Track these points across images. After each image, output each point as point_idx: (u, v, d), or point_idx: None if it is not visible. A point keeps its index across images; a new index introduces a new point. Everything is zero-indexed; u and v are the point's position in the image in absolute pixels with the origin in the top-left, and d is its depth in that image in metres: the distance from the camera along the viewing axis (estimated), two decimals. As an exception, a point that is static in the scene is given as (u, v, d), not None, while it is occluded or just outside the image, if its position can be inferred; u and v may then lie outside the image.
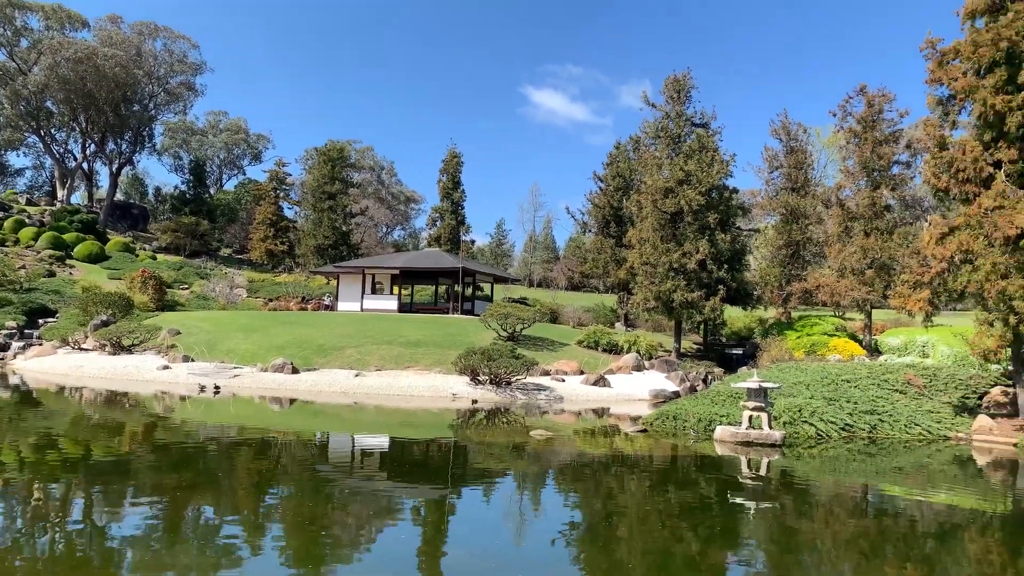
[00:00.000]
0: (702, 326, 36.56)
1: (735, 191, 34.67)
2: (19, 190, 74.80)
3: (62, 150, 71.45)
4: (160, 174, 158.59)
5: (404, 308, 44.72)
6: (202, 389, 24.30)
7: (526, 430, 17.67)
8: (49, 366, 29.41)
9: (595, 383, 26.47)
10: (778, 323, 35.95)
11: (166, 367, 27.66)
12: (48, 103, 65.09)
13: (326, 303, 47.05)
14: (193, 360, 28.83)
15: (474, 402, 23.36)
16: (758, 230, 43.66)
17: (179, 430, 16.82)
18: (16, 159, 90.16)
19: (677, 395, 25.41)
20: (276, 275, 58.05)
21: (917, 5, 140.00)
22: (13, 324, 34.40)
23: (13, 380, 26.12)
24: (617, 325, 41.13)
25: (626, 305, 39.85)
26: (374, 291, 46.14)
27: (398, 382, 25.72)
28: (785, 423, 17.41)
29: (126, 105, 67.37)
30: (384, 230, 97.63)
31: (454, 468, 13.71)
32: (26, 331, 34.61)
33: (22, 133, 69.71)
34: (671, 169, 32.51)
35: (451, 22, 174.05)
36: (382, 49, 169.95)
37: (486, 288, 54.14)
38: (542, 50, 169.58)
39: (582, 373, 28.25)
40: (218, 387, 24.68)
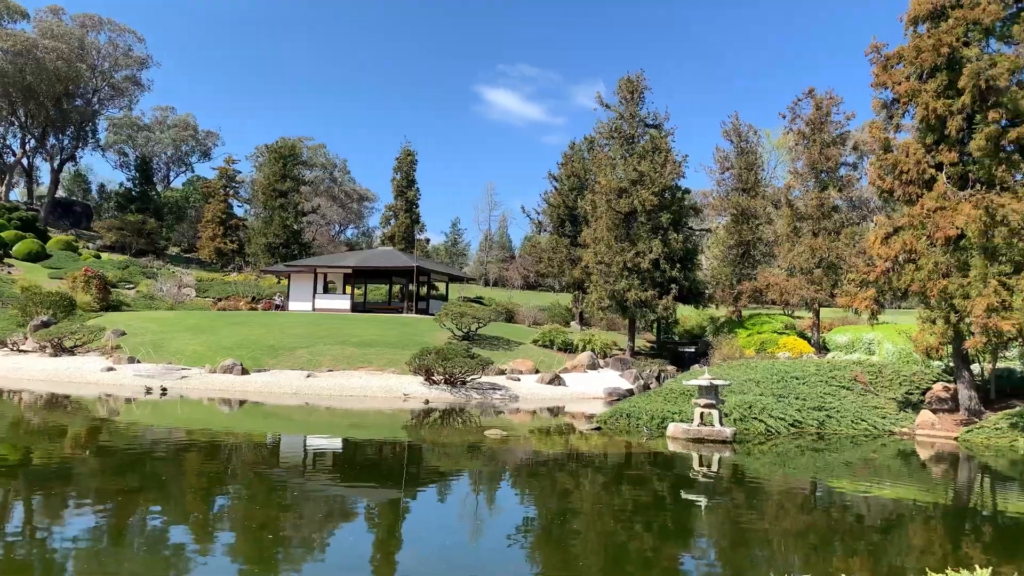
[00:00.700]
0: (655, 325, 36.93)
1: (687, 191, 35.15)
2: (-47, 186, 71.84)
3: (0, 145, 68.85)
4: (104, 171, 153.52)
5: (357, 308, 44.20)
6: (148, 391, 23.64)
7: (481, 430, 17.59)
8: (-15, 369, 28.28)
9: (550, 382, 26.52)
10: (729, 321, 36.53)
11: (110, 369, 26.83)
12: (-16, 96, 62.72)
13: (277, 303, 46.26)
14: (139, 361, 28.03)
15: (426, 402, 23.17)
16: (710, 230, 44.30)
17: (124, 433, 16.29)
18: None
19: (631, 393, 25.60)
20: (226, 274, 56.89)
21: (864, 10, 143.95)
22: (-54, 325, 33.00)
23: (-54, 383, 25.04)
24: (572, 324, 41.34)
25: (581, 304, 40.06)
26: (326, 290, 45.53)
27: (351, 383, 25.40)
28: (736, 420, 17.67)
29: (68, 99, 65.30)
30: (337, 228, 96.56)
31: (408, 469, 13.56)
32: (-40, 332, 33.22)
33: (-43, 127, 67.05)
34: (625, 169, 32.78)
35: (403, 19, 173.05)
36: (334, 45, 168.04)
37: (441, 287, 53.88)
38: (495, 49, 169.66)
39: (537, 372, 28.28)
40: (165, 389, 24.04)
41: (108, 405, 21.17)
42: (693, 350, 35.65)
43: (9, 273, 46.12)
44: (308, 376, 26.29)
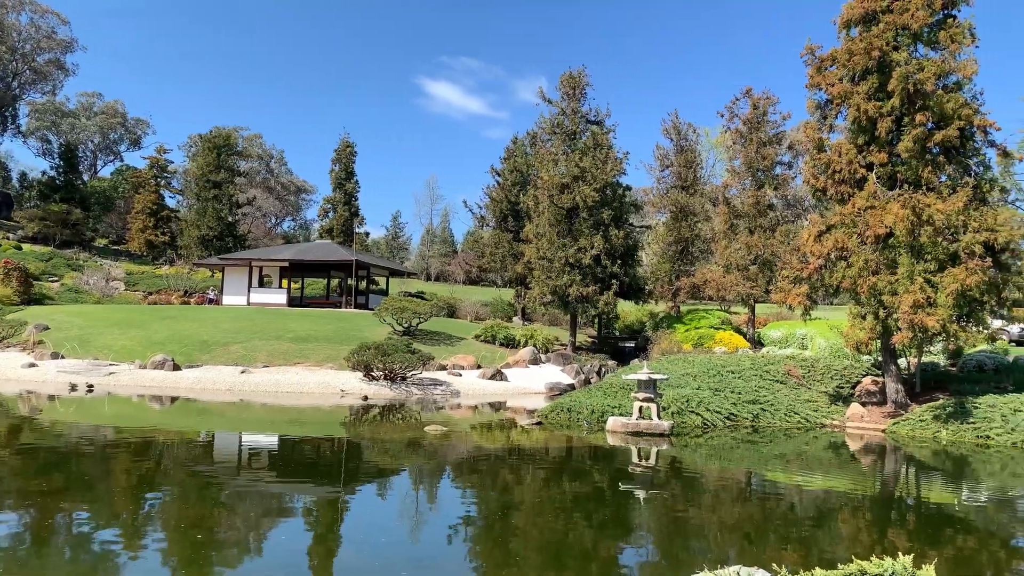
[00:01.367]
0: (597, 320, 37.25)
1: (628, 188, 35.52)
2: None
3: (-89, 128, 65.12)
4: (26, 158, 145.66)
5: (294, 302, 43.33)
6: (73, 388, 22.66)
7: (421, 426, 17.40)
8: None
9: (492, 377, 26.46)
10: (668, 317, 37.10)
11: (32, 365, 25.63)
12: None
13: (211, 297, 45.00)
14: (63, 357, 26.85)
15: (365, 399, 22.83)
16: (650, 227, 44.85)
17: (48, 431, 15.56)
18: None
19: (572, 388, 25.74)
20: (157, 267, 55.08)
21: (801, 12, 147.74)
22: None
23: None
24: (515, 319, 41.37)
25: (523, 299, 40.09)
26: (262, 284, 44.51)
27: (287, 378, 24.85)
28: (674, 413, 17.92)
29: (-14, 82, 62.06)
30: (273, 221, 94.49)
31: (347, 466, 13.30)
32: None
33: None
34: (567, 165, 32.93)
35: (342, 7, 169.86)
36: (270, 33, 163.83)
37: (381, 282, 53.27)
38: (437, 41, 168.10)
39: (479, 367, 28.18)
40: (91, 386, 23.09)
41: (30, 403, 20.22)
42: (633, 345, 36.11)
43: (-79, 264, 43.52)
44: (243, 372, 25.62)
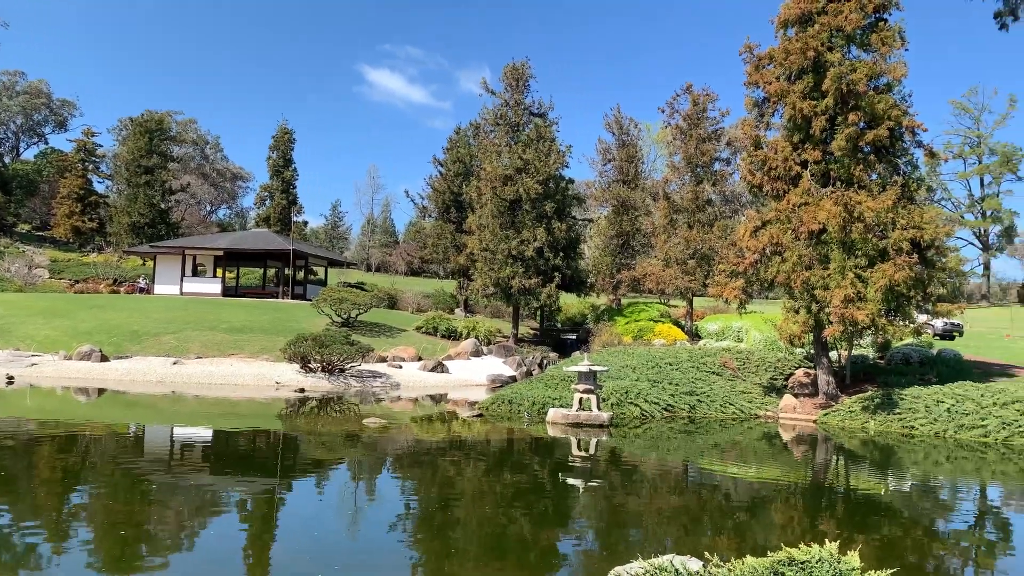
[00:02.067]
0: (539, 312, 37.38)
1: (571, 181, 35.68)
2: None
3: None
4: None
5: (229, 292, 42.24)
6: (-11, 380, 21.59)
7: (360, 418, 17.14)
8: None
9: (433, 369, 26.27)
10: (609, 309, 37.49)
11: (-56, 356, 24.30)
12: None
13: (141, 286, 43.53)
14: (-21, 348, 25.55)
15: (300, 391, 22.36)
16: (592, 220, 45.24)
17: (-43, 427, 14.73)
18: None
19: (514, 379, 25.76)
20: (84, 255, 53.03)
21: (742, 10, 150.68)
22: None
23: None
24: (457, 311, 41.18)
25: (466, 291, 39.94)
26: (196, 273, 43.28)
27: (221, 370, 24.18)
28: (613, 404, 18.09)
29: None
30: (208, 208, 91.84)
31: (283, 459, 12.99)
32: None
33: None
34: (510, 157, 32.87)
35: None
36: (206, 16, 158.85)
37: (320, 272, 52.39)
38: (379, 29, 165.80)
39: (420, 359, 27.95)
40: (12, 377, 22.05)
41: (-59, 396, 19.16)
42: (575, 337, 36.36)
43: None
44: (175, 363, 24.82)
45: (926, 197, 20.84)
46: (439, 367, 26.48)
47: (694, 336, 31.42)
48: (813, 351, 20.40)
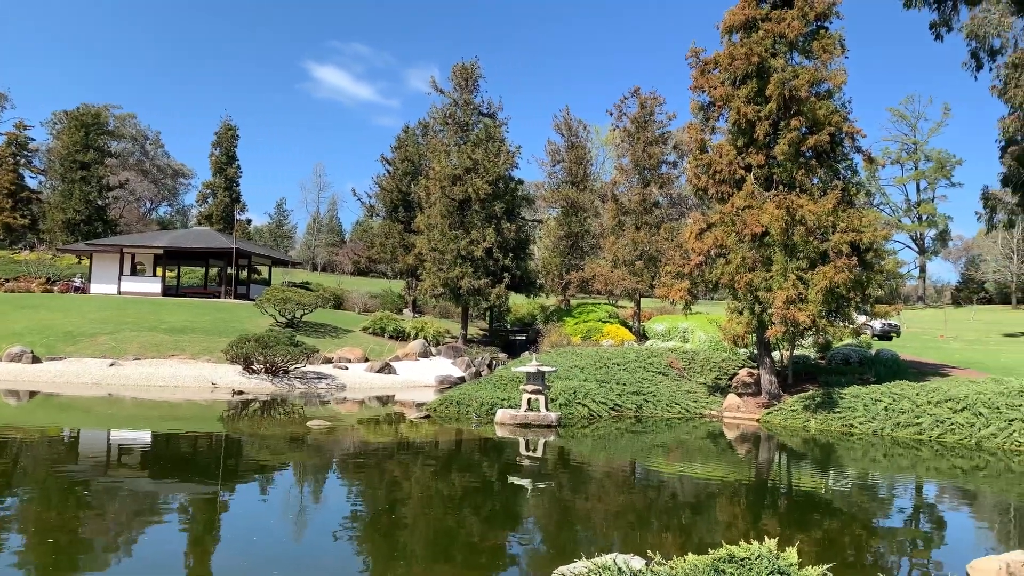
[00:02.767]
0: (488, 313, 37.30)
1: (521, 182, 35.69)
2: None
3: None
4: None
5: (169, 292, 41.06)
6: (-92, 383, 20.52)
7: (304, 420, 16.81)
8: None
9: (380, 370, 25.95)
10: (558, 310, 37.63)
11: None
12: None
13: (77, 285, 41.98)
14: (-102, 349, 24.26)
15: (238, 392, 21.84)
16: (541, 221, 45.37)
17: None
18: None
19: (463, 380, 25.62)
20: (15, 252, 50.93)
21: (689, 15, 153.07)
22: None
23: None
24: (405, 311, 40.80)
25: (414, 291, 39.61)
26: (134, 272, 41.99)
27: (160, 372, 23.46)
28: (561, 405, 18.12)
29: None
30: (148, 206, 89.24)
31: (225, 463, 12.62)
32: None
33: None
34: (459, 157, 32.72)
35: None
36: (145, 6, 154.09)
37: (264, 271, 51.42)
38: (325, 25, 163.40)
39: (367, 360, 27.59)
40: (-69, 380, 21.00)
41: None
42: (524, 337, 36.39)
43: None
44: (112, 365, 23.98)
45: (865, 201, 21.48)
46: (386, 368, 26.18)
47: (641, 337, 31.76)
48: (756, 351, 20.78)
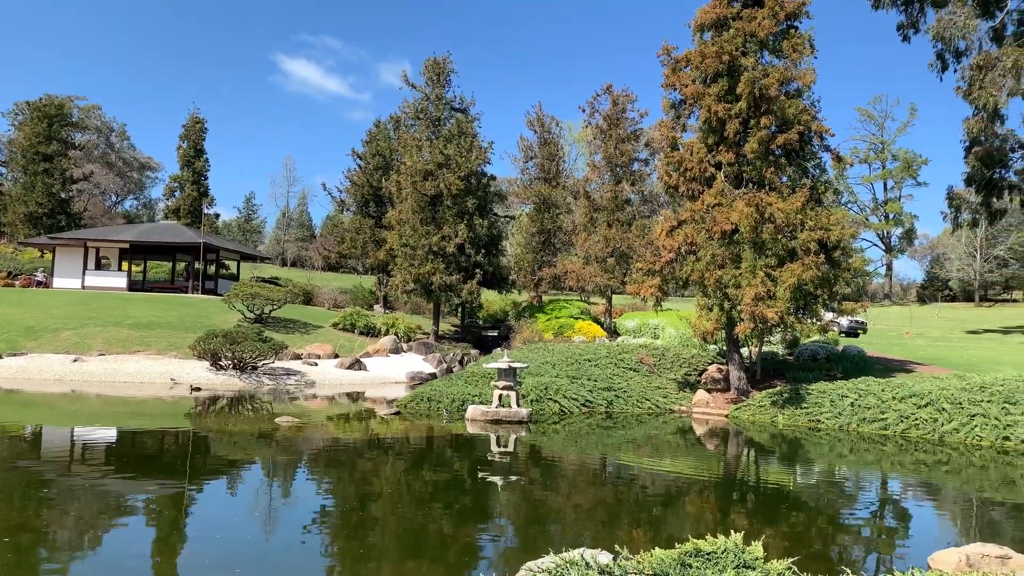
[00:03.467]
0: (460, 309, 37.20)
1: (493, 178, 35.62)
2: None
3: None
4: None
5: (135, 286, 40.36)
6: None
7: (273, 417, 16.60)
8: None
9: (350, 367, 25.75)
10: (530, 306, 37.65)
11: None
12: None
13: (39, 279, 41.09)
14: None
15: (195, 389, 21.49)
16: (514, 217, 45.36)
17: None
18: None
19: (434, 376, 25.53)
20: (-25, 246, 49.54)
21: (662, 13, 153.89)
22: None
23: None
24: (376, 307, 40.55)
25: (385, 287, 39.38)
26: (99, 267, 41.19)
27: (125, 367, 23.05)
28: (533, 401, 18.12)
29: None
30: (113, 199, 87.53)
31: (193, 460, 12.42)
32: None
33: None
34: (431, 152, 32.56)
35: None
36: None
37: (232, 266, 50.75)
38: (295, 18, 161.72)
39: (337, 356, 27.36)
40: None
41: None
42: (496, 334, 36.34)
43: None
44: (75, 360, 23.51)
45: (833, 200, 21.75)
46: (356, 364, 25.98)
47: (613, 333, 31.89)
48: (726, 348, 20.96)
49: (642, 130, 33.27)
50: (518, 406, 16.84)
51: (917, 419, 15.87)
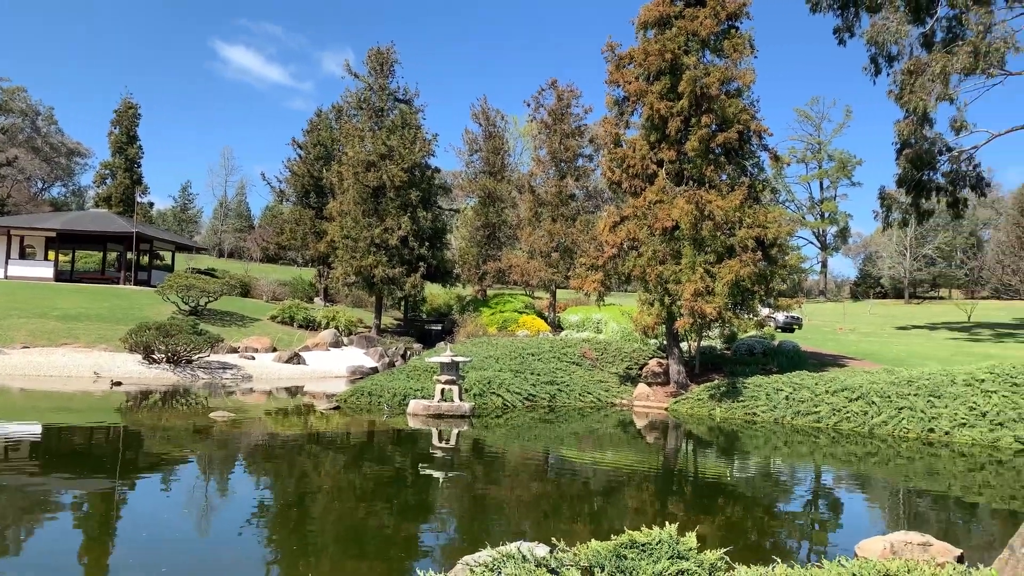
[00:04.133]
0: (403, 302, 36.87)
1: (438, 170, 35.32)
2: None
3: None
4: None
5: (63, 277, 38.79)
6: None
7: (208, 411, 16.15)
8: None
9: (289, 360, 25.25)
10: (475, 300, 37.56)
11: None
12: None
13: (-43, 268, 39.09)
14: None
15: (116, 384, 20.80)
16: (459, 210, 45.12)
17: None
18: None
19: (376, 371, 25.24)
20: None
21: (608, 9, 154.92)
22: None
23: None
24: (316, 300, 39.84)
25: (326, 279, 38.70)
26: (24, 256, 39.50)
27: (52, 360, 22.11)
28: (475, 395, 18.08)
29: None
30: (40, 186, 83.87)
31: (124, 456, 11.98)
32: None
33: None
34: (374, 143, 32.12)
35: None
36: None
37: (167, 257, 49.29)
38: (235, 3, 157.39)
39: (275, 350, 26.80)
40: None
41: None
42: (440, 328, 36.14)
43: None
44: (-5, 354, 22.43)
45: (771, 198, 22.30)
46: (295, 358, 25.50)
47: (557, 327, 32.07)
48: (666, 342, 21.29)
49: (587, 126, 33.46)
50: (461, 400, 16.78)
51: (849, 412, 16.38)
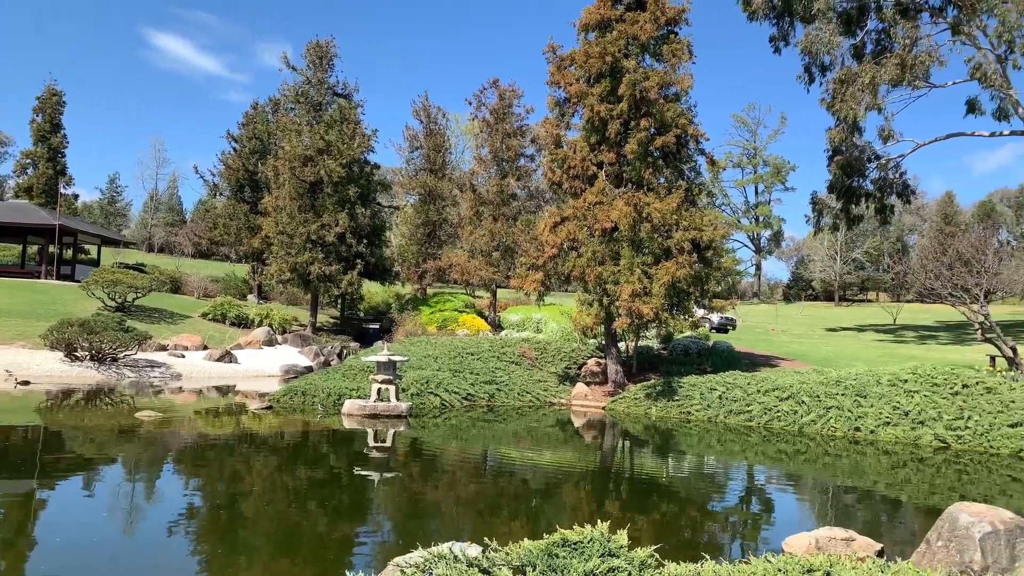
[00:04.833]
0: (340, 300, 36.27)
1: (377, 167, 34.92)
2: None
3: None
4: None
5: (-21, 270, 36.89)
6: None
7: (135, 411, 15.56)
8: None
9: (220, 359, 24.56)
10: (414, 299, 37.25)
11: None
12: None
13: None
14: None
15: (23, 383, 19.92)
16: (398, 208, 44.68)
17: None
18: None
19: (311, 370, 24.77)
20: None
21: (551, 9, 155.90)
22: None
23: None
24: (249, 297, 38.90)
25: (260, 276, 37.81)
26: (-64, 248, 37.34)
27: (-37, 359, 20.96)
28: (413, 395, 17.91)
29: None
30: (-44, 174, 79.68)
31: (43, 458, 11.41)
32: None
33: None
34: (311, 137, 31.54)
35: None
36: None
37: (93, 251, 47.43)
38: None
39: (206, 348, 26.04)
40: None
41: None
42: (378, 327, 35.72)
43: None
44: (-100, 351, 21.16)
45: (707, 201, 22.77)
46: (227, 357, 24.82)
47: (497, 327, 32.05)
48: (604, 342, 21.50)
49: (528, 126, 33.54)
50: (398, 400, 16.59)
51: (779, 411, 16.82)
